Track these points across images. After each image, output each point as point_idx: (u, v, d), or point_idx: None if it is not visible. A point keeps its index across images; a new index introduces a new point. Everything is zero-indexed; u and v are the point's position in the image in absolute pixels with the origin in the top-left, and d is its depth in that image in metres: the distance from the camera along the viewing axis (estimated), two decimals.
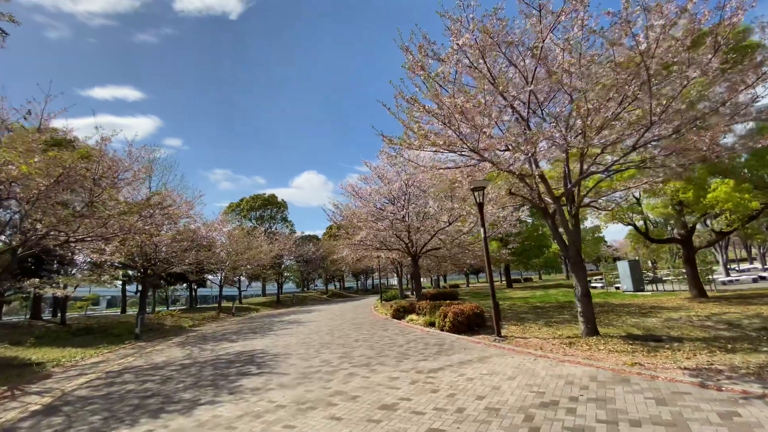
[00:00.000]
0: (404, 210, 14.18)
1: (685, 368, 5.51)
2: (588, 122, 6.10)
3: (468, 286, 53.08)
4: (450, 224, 13.97)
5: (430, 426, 4.11)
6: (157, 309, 40.05)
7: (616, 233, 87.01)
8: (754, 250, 43.43)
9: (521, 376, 5.68)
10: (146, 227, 11.51)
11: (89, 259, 19.46)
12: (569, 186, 7.92)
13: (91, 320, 21.23)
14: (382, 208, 14.98)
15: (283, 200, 46.03)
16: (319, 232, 57.48)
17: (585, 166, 7.84)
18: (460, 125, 6.31)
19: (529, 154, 6.71)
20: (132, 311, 41.23)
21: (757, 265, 37.22)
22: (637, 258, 21.49)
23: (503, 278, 70.30)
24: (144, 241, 13.88)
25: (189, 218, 16.82)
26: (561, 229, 8.62)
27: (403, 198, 14.82)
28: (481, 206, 9.25)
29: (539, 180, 7.94)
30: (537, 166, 7.98)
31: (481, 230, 9.26)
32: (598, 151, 7.76)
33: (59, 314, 20.36)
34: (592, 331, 7.97)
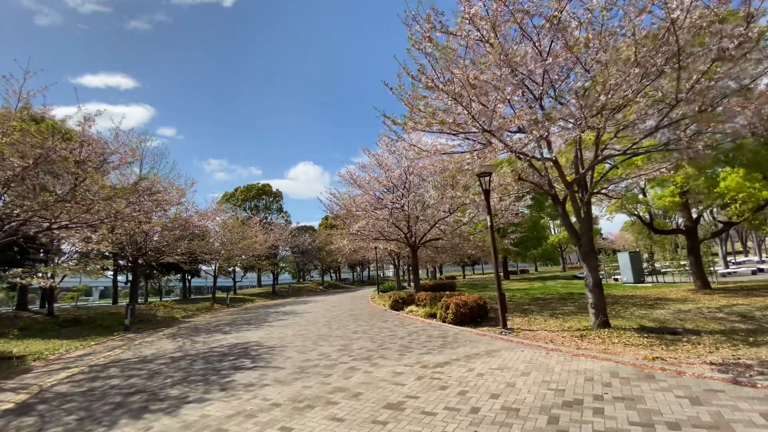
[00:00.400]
0: (404, 199, 13.69)
1: (711, 363, 5.14)
2: (609, 98, 5.62)
3: (465, 277, 52.94)
4: (451, 213, 13.53)
5: (444, 429, 3.69)
6: (150, 300, 39.54)
7: (611, 226, 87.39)
8: (749, 243, 43.59)
9: (536, 372, 5.28)
10: (134, 214, 10.92)
11: (76, 248, 18.90)
12: (582, 170, 7.47)
13: (80, 311, 20.65)
14: (381, 196, 14.48)
15: (278, 190, 45.39)
16: (315, 223, 56.89)
17: (599, 150, 7.38)
18: (471, 103, 5.79)
19: (544, 135, 6.23)
20: (124, 302, 40.55)
21: (753, 257, 37.32)
22: (637, 249, 21.24)
23: (499, 269, 70.64)
24: (133, 229, 13.29)
25: (180, 206, 16.20)
26: (573, 218, 8.19)
27: (402, 186, 14.32)
28: (487, 193, 8.79)
29: (552, 164, 7.47)
30: (550, 148, 7.51)
31: (487, 218, 8.81)
32: (613, 133, 7.30)
33: (47, 305, 19.78)
34: (603, 323, 7.60)
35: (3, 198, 10.40)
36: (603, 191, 9.93)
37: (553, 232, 43.72)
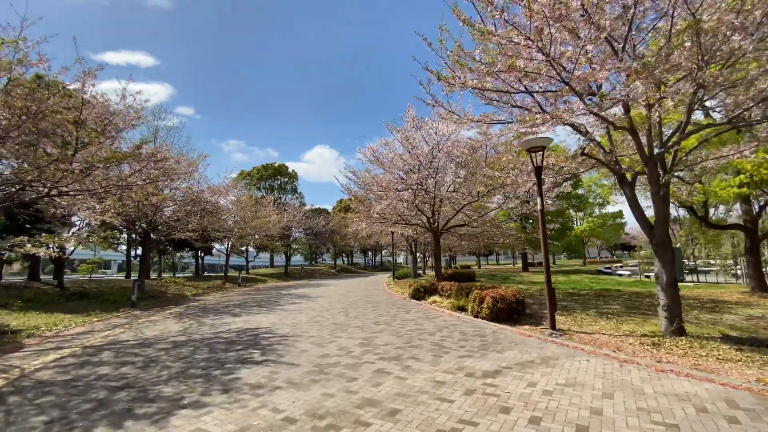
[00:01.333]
0: (431, 179, 12.42)
1: None
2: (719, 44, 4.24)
3: (480, 267, 51.66)
4: (480, 197, 12.23)
5: None
6: (164, 276, 39.61)
7: (632, 222, 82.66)
8: None
9: (620, 393, 4.11)
10: (139, 183, 10.00)
11: (86, 220, 18.36)
12: (667, 143, 6.09)
13: (91, 284, 20.31)
14: (404, 177, 13.22)
15: (293, 171, 44.49)
16: (329, 207, 56.10)
17: (687, 118, 5.97)
18: (552, 43, 4.50)
19: (634, 95, 4.89)
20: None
21: None
22: (678, 245, 19.58)
23: (514, 262, 68.71)
24: (141, 201, 12.43)
25: (189, 177, 15.30)
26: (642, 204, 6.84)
27: (429, 166, 13.04)
28: (539, 171, 7.49)
29: (629, 134, 6.11)
30: (628, 112, 6.15)
31: (537, 201, 7.52)
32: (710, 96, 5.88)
33: (57, 277, 19.43)
34: (679, 329, 6.34)
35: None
36: (678, 174, 8.50)
37: (575, 225, 41.82)
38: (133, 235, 20.66)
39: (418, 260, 37.34)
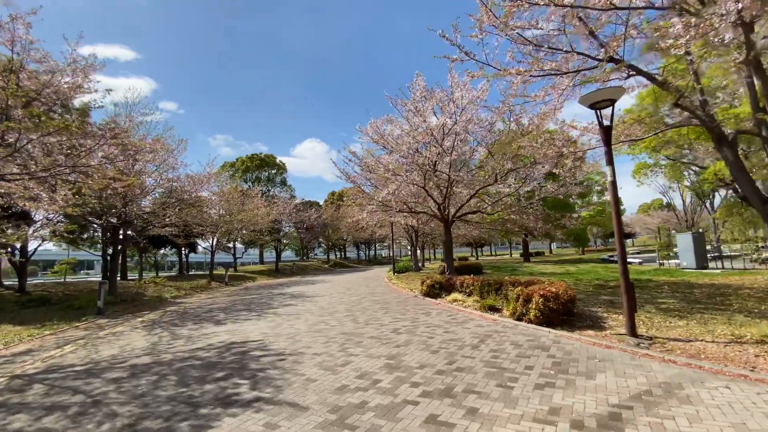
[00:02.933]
0: (446, 156, 10.64)
1: None
2: None
3: (477, 258, 50.40)
4: (508, 173, 10.53)
5: None
6: (145, 275, 37.12)
7: (630, 210, 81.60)
8: None
9: None
10: (93, 164, 8.00)
11: (48, 214, 16.11)
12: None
13: (58, 288, 18.10)
14: (413, 157, 11.35)
15: (282, 162, 42.28)
16: (321, 200, 53.93)
17: None
18: None
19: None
20: (130, 276, 38.07)
21: None
22: (701, 230, 18.30)
23: (511, 252, 67.46)
24: (101, 188, 10.37)
25: (160, 160, 13.20)
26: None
27: (443, 142, 11.24)
28: (608, 131, 5.78)
29: (752, 71, 4.43)
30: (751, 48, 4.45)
31: (607, 171, 5.82)
32: None
33: (19, 280, 17.18)
34: None
35: None
36: None
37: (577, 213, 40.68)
38: (101, 232, 18.44)
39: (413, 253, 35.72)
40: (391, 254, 27.45)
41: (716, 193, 23.66)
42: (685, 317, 6.85)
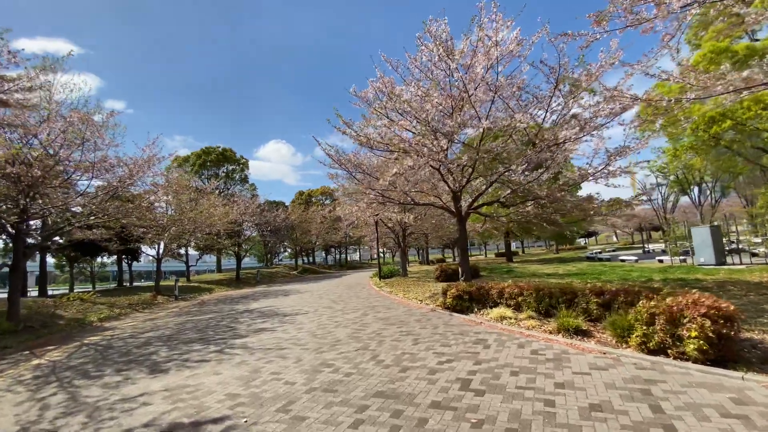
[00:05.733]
0: (484, 120, 7.85)
1: None
2: None
3: (455, 260, 48.46)
4: (563, 143, 7.95)
5: None
6: (79, 289, 31.36)
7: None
8: None
9: None
10: None
11: None
12: None
13: None
14: (433, 123, 8.42)
15: (242, 157, 37.87)
16: (287, 201, 49.69)
17: None
18: None
19: None
20: (57, 290, 31.85)
21: None
22: (718, 223, 17.01)
23: (485, 252, 66.30)
24: None
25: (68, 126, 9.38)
26: None
27: (463, 106, 8.47)
28: None
29: None
30: None
31: None
32: None
33: None
34: None
35: None
36: None
37: None
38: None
39: (396, 255, 32.90)
40: (378, 258, 24.38)
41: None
42: None
